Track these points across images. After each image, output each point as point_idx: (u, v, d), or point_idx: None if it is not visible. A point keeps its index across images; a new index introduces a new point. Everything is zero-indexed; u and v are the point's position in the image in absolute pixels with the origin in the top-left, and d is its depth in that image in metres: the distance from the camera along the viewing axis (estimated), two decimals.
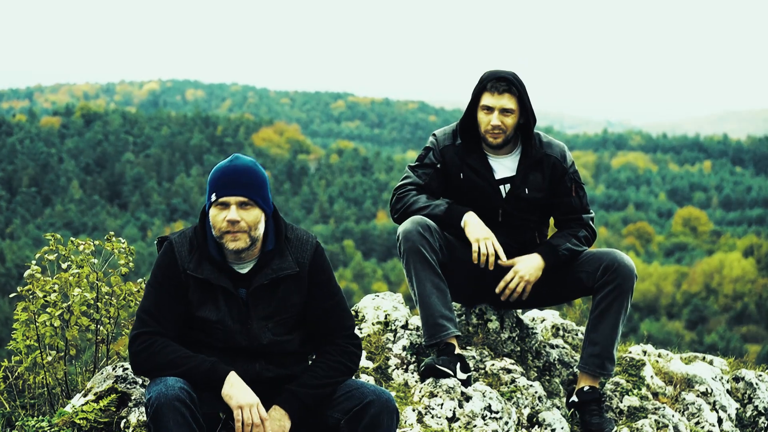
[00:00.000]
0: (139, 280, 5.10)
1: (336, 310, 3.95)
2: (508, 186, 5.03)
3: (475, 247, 4.87)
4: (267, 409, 3.78)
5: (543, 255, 4.99)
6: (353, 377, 4.22)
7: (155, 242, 3.99)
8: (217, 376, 3.66)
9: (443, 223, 4.95)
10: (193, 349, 3.81)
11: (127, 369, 4.31)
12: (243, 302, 3.82)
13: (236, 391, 3.65)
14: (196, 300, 3.80)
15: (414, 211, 4.97)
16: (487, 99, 4.90)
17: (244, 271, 3.85)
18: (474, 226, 4.89)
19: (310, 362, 3.97)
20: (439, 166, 5.06)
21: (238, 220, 3.74)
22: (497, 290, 4.99)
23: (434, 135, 5.14)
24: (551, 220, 5.30)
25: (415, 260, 4.84)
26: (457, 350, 4.88)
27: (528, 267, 4.95)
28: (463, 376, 4.83)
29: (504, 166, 5.05)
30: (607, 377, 5.09)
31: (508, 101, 4.87)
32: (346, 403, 3.77)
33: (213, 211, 3.79)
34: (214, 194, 3.77)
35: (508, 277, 4.95)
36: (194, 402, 3.58)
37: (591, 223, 5.15)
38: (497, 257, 4.91)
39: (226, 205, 3.77)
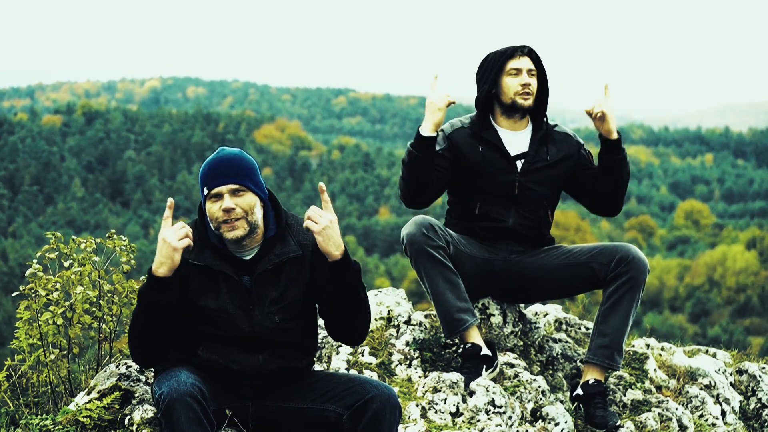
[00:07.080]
0: (142, 277, 5.10)
1: None
2: (523, 161, 5.10)
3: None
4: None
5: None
6: (355, 374, 4.20)
7: None
8: (151, 277, 3.68)
9: (417, 157, 4.88)
10: (195, 340, 3.83)
11: (130, 366, 4.31)
12: (246, 289, 3.83)
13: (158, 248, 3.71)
14: (196, 290, 3.81)
15: (403, 179, 4.96)
16: (513, 63, 5.04)
17: (248, 258, 3.87)
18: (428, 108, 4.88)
19: (315, 360, 3.97)
20: (445, 151, 5.05)
21: (233, 207, 3.76)
22: (587, 109, 5.10)
23: (442, 129, 5.15)
24: (557, 210, 5.33)
25: (424, 261, 4.88)
26: (479, 343, 4.93)
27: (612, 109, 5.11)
28: (491, 375, 4.91)
29: (517, 141, 5.14)
30: (615, 369, 5.08)
31: (531, 63, 5.06)
32: (347, 398, 3.77)
33: (208, 205, 3.83)
34: (205, 188, 3.82)
35: (603, 100, 5.08)
36: (205, 398, 3.59)
37: None
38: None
39: (219, 196, 3.80)
